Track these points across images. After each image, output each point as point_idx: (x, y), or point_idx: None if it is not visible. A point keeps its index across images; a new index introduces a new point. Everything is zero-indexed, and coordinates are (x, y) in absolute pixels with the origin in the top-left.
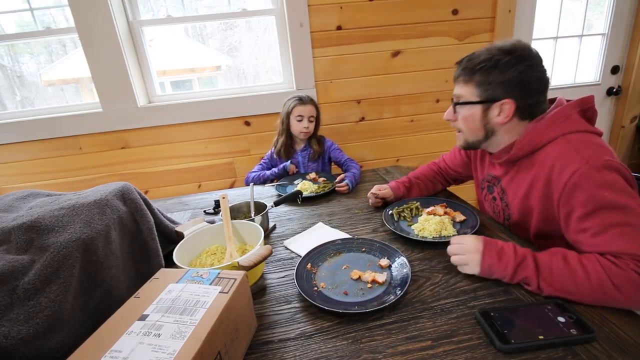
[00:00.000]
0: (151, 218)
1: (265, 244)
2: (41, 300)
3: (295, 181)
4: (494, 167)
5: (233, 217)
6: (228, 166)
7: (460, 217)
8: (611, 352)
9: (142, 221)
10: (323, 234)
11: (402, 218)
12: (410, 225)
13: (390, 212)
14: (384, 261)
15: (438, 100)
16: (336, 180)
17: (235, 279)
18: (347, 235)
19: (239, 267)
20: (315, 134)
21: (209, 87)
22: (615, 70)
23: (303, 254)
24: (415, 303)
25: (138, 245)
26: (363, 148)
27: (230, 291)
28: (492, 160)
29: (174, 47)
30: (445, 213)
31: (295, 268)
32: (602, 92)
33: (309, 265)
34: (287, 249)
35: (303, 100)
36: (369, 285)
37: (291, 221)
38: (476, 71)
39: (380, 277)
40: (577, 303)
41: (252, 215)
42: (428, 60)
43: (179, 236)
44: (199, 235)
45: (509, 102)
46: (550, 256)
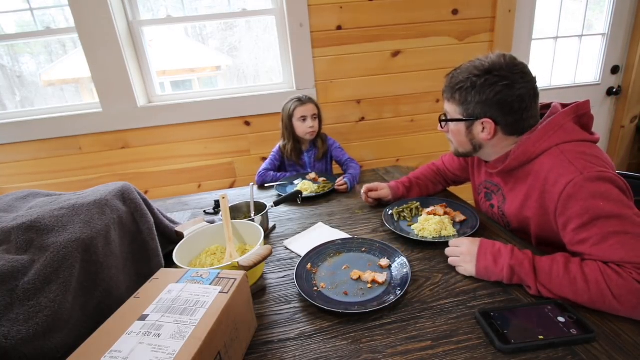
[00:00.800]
0: (151, 218)
1: (265, 244)
2: (41, 300)
3: (295, 181)
4: (492, 175)
5: (233, 217)
6: (228, 166)
7: (460, 217)
8: (611, 352)
9: (142, 221)
10: (323, 234)
11: (402, 218)
12: (410, 225)
13: (390, 212)
14: (384, 261)
15: (438, 100)
16: (336, 181)
17: (235, 279)
18: (347, 235)
19: (239, 267)
20: (319, 133)
21: (209, 87)
22: (615, 70)
23: (303, 254)
24: (415, 303)
25: (138, 245)
26: (363, 148)
27: (230, 291)
28: (488, 169)
29: (173, 47)
30: (445, 213)
31: (295, 268)
32: (602, 92)
33: (309, 265)
34: (287, 249)
35: (302, 100)
36: (369, 285)
37: (291, 221)
38: (456, 90)
39: (380, 277)
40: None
41: (252, 215)
42: (428, 60)
43: (179, 236)
44: (199, 235)
45: (488, 122)
46: (551, 261)
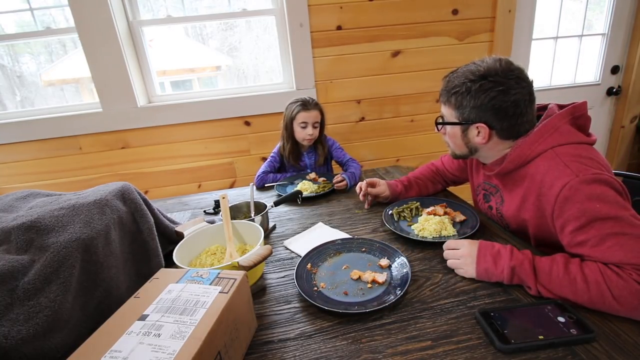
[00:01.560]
0: (151, 218)
1: (265, 244)
2: (41, 300)
3: (295, 181)
4: (490, 177)
5: (233, 217)
6: (228, 166)
7: (460, 217)
8: (611, 352)
9: (142, 221)
10: (323, 234)
11: (402, 218)
12: (410, 225)
13: (390, 212)
14: (384, 261)
15: (438, 101)
16: (334, 179)
17: (235, 279)
18: (347, 235)
19: (239, 267)
20: (319, 139)
21: (209, 87)
22: (615, 70)
23: (303, 254)
24: (415, 303)
25: (138, 245)
26: (363, 148)
27: (230, 291)
28: (485, 172)
29: (173, 47)
30: (445, 213)
31: (295, 268)
32: (602, 92)
33: (309, 265)
34: (287, 249)
35: (307, 106)
36: (369, 285)
37: (291, 221)
38: (452, 94)
39: (380, 277)
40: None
41: (252, 215)
42: (428, 60)
43: (179, 236)
44: (199, 235)
45: (483, 126)
46: (551, 262)
